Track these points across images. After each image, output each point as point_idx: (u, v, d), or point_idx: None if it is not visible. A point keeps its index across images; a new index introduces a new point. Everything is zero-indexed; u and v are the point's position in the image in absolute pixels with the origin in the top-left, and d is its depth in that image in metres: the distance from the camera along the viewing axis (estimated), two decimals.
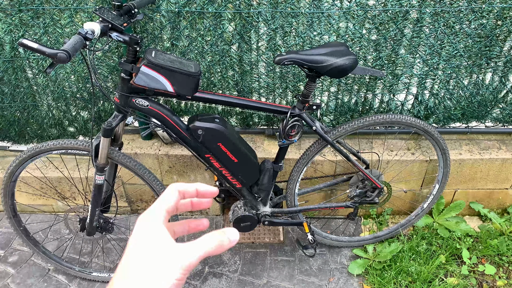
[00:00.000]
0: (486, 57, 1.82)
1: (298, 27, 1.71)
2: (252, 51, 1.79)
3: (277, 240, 2.17)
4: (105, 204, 1.74)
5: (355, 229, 2.25)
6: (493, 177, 2.13)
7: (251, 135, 2.17)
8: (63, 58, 1.05)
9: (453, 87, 1.94)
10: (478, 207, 2.24)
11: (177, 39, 1.76)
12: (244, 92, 1.93)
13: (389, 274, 1.94)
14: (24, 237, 1.91)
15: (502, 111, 2.03)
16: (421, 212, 2.10)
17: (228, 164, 1.59)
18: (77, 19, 1.72)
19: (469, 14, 1.69)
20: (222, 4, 1.65)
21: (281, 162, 1.71)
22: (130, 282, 0.36)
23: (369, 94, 1.96)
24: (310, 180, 2.10)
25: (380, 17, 1.68)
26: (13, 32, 1.76)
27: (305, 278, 1.98)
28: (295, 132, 1.60)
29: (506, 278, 1.95)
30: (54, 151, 1.64)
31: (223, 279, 1.99)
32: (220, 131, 1.49)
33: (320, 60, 1.41)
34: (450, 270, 1.98)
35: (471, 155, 2.05)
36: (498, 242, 2.05)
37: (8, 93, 1.97)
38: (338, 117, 2.05)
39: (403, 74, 1.88)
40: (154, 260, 0.37)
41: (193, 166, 2.08)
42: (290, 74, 1.87)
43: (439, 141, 1.82)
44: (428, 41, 1.76)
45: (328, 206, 1.91)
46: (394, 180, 2.09)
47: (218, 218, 2.32)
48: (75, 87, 1.95)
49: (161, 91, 1.39)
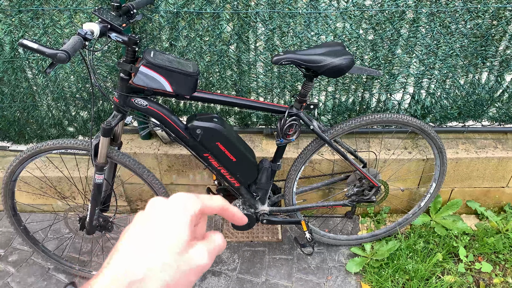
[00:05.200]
0: (482, 57, 1.84)
1: (296, 27, 1.73)
2: (250, 51, 1.81)
3: (275, 239, 2.19)
4: (105, 203, 1.76)
5: (353, 228, 2.26)
6: (490, 176, 2.14)
7: (250, 134, 2.18)
8: (63, 58, 1.06)
9: (449, 87, 1.95)
10: (475, 206, 2.25)
11: (175, 40, 1.77)
12: (242, 91, 1.94)
13: (387, 272, 1.95)
14: (24, 236, 1.92)
15: (498, 110, 2.05)
16: (418, 211, 2.12)
17: (226, 163, 1.60)
18: (77, 19, 1.74)
19: (464, 14, 1.70)
20: (220, 5, 1.66)
21: (279, 161, 1.72)
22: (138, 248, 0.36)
23: (366, 93, 1.98)
24: (308, 179, 2.11)
25: (377, 17, 1.70)
26: (13, 33, 1.77)
27: (304, 276, 2.00)
28: (293, 131, 1.61)
29: (502, 276, 1.97)
30: (54, 150, 1.66)
31: (222, 278, 2.00)
32: (219, 130, 1.50)
33: (317, 60, 1.42)
34: (447, 268, 2.00)
35: (468, 154, 2.07)
36: (495, 240, 2.07)
37: (8, 93, 1.98)
38: (336, 117, 2.06)
39: (399, 74, 1.89)
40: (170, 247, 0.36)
41: (192, 166, 2.10)
42: (288, 74, 1.89)
43: (435, 140, 1.84)
44: (424, 41, 1.78)
45: (325, 205, 1.93)
46: (391, 178, 2.11)
47: (217, 216, 2.33)
48: (75, 87, 1.97)
49: (159, 90, 1.40)
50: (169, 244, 0.36)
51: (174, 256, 0.36)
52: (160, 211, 0.39)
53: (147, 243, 0.36)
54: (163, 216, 0.38)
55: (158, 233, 0.37)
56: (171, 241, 0.37)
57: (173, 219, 0.38)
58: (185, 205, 0.40)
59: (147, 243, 0.36)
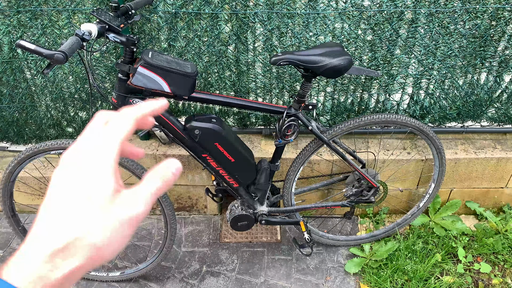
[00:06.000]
0: (481, 57, 1.84)
1: (294, 27, 1.73)
2: (248, 51, 1.81)
3: (274, 239, 2.19)
4: None
5: (352, 228, 2.26)
6: (489, 176, 2.14)
7: (248, 135, 2.18)
8: (60, 59, 1.06)
9: (448, 87, 1.95)
10: (474, 206, 2.25)
11: (174, 40, 1.77)
12: (241, 92, 1.94)
13: (386, 272, 1.95)
14: (23, 237, 1.92)
15: (497, 111, 2.05)
16: (417, 211, 2.12)
17: (225, 164, 1.60)
18: (75, 20, 1.74)
19: (463, 15, 1.70)
20: (219, 5, 1.66)
21: (277, 162, 1.72)
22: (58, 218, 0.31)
23: (365, 94, 1.98)
24: (307, 180, 2.11)
25: (375, 17, 1.70)
26: (12, 33, 1.77)
27: (302, 277, 2.00)
28: (291, 132, 1.61)
29: (501, 277, 1.97)
30: (53, 151, 1.66)
31: (221, 278, 2.00)
32: (217, 131, 1.50)
33: (315, 60, 1.42)
34: (446, 268, 2.00)
35: (467, 154, 2.07)
36: (494, 241, 2.07)
37: (6, 93, 1.98)
38: (334, 117, 2.06)
39: (398, 74, 1.89)
40: (95, 207, 0.32)
41: (191, 166, 2.10)
42: (287, 75, 1.89)
43: (434, 140, 1.84)
44: (423, 42, 1.78)
45: (324, 205, 1.93)
46: (390, 179, 2.11)
47: (216, 217, 2.33)
48: (73, 87, 1.97)
49: (158, 91, 1.40)
50: (91, 200, 0.32)
51: (99, 213, 0.31)
52: (78, 159, 0.33)
53: (65, 203, 0.31)
54: (80, 167, 0.33)
55: (77, 188, 0.32)
56: (93, 195, 0.32)
57: (92, 167, 0.33)
58: (105, 140, 0.34)
59: (66, 204, 0.31)
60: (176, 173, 0.36)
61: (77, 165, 0.33)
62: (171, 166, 0.36)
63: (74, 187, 0.32)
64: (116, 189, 0.33)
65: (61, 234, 0.30)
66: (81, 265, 0.31)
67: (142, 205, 0.33)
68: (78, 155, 0.34)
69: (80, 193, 0.32)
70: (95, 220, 0.31)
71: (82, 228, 0.31)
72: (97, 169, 0.33)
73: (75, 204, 0.31)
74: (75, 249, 0.30)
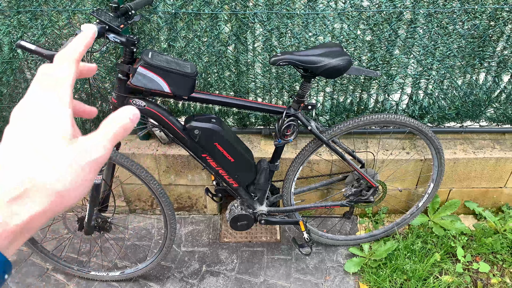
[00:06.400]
0: (480, 57, 1.84)
1: (294, 28, 1.73)
2: (248, 52, 1.81)
3: (274, 239, 2.19)
4: (103, 203, 1.76)
5: (351, 228, 2.27)
6: (488, 176, 2.15)
7: (248, 135, 2.18)
8: None
9: (447, 87, 1.96)
10: (473, 206, 2.26)
11: (174, 40, 1.78)
12: (241, 92, 1.95)
13: (385, 272, 1.96)
14: None
15: (496, 111, 2.06)
16: (416, 211, 2.12)
17: (224, 164, 1.61)
18: (75, 20, 1.74)
19: (462, 15, 1.71)
20: (218, 6, 1.67)
21: (277, 162, 1.73)
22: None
23: (364, 94, 1.98)
24: (306, 179, 2.12)
25: (375, 18, 1.70)
26: (12, 34, 1.78)
27: (302, 277, 2.00)
28: (291, 132, 1.62)
29: (500, 276, 1.97)
30: None
31: (221, 278, 2.00)
32: (217, 131, 1.51)
33: (314, 60, 1.43)
34: (444, 268, 2.00)
35: (466, 154, 2.07)
36: (493, 240, 2.07)
37: (6, 94, 1.98)
38: (334, 117, 2.07)
39: (397, 74, 1.90)
40: (56, 155, 0.31)
41: (191, 166, 2.10)
42: (286, 75, 1.89)
43: (433, 140, 1.84)
44: (422, 42, 1.78)
45: (323, 205, 1.93)
46: (389, 179, 2.11)
47: (216, 217, 2.34)
48: (73, 87, 1.97)
49: (157, 91, 1.40)
50: (48, 145, 0.31)
51: (58, 157, 0.31)
52: (30, 111, 0.33)
53: (20, 152, 0.30)
54: (33, 117, 0.32)
55: (31, 137, 0.31)
56: (50, 141, 0.31)
57: (46, 114, 0.32)
58: (54, 88, 0.34)
59: (21, 152, 0.30)
60: (134, 118, 0.35)
61: (29, 116, 0.32)
62: (128, 112, 0.36)
63: (27, 136, 0.31)
64: (74, 134, 0.33)
65: (17, 180, 0.30)
66: (43, 211, 0.30)
67: (101, 148, 0.33)
68: (29, 107, 0.33)
69: (35, 140, 0.31)
70: (54, 165, 0.31)
71: (39, 173, 0.30)
72: (52, 115, 0.32)
73: (31, 151, 0.31)
74: (34, 195, 0.30)
